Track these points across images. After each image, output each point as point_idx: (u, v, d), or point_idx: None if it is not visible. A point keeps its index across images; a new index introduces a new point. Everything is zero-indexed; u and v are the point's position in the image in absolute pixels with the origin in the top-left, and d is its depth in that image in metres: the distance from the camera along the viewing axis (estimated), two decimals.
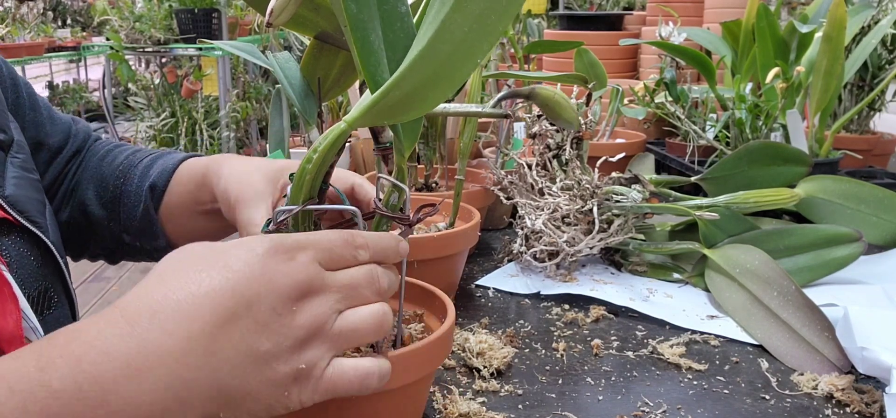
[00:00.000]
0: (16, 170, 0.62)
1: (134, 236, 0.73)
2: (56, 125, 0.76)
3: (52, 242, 0.61)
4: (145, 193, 0.72)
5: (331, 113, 1.23)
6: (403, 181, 0.49)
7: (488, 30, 0.36)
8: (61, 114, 0.78)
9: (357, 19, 0.42)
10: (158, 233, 0.72)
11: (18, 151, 0.64)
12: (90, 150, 0.78)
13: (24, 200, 0.61)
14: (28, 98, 0.73)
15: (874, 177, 1.08)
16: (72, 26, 5.89)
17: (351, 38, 0.42)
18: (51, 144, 0.74)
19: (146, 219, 0.72)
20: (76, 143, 0.77)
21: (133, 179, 0.73)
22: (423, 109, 0.43)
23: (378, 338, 0.43)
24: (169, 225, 0.72)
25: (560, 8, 3.12)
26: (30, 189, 0.63)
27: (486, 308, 0.80)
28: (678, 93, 1.21)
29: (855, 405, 0.59)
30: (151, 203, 0.71)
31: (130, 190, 0.73)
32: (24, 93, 0.73)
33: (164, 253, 0.70)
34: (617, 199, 0.86)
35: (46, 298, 0.59)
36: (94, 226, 0.75)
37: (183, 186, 0.71)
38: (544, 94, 0.69)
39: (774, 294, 0.73)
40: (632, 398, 0.61)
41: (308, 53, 0.82)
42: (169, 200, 0.72)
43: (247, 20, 4.12)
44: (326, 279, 0.41)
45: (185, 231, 0.72)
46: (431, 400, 0.59)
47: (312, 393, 0.40)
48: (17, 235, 0.59)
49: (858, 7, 1.18)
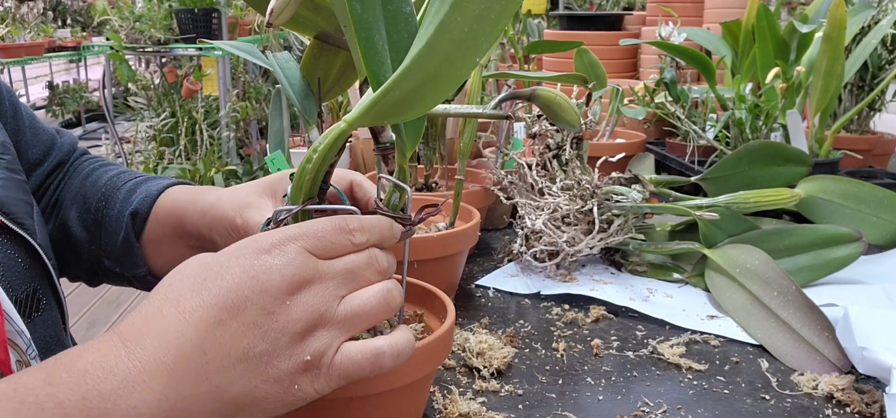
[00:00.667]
0: (2, 171, 0.61)
1: (114, 261, 0.71)
2: (38, 136, 0.73)
3: (40, 245, 0.60)
4: (126, 220, 0.69)
5: (331, 113, 1.23)
6: (405, 181, 0.49)
7: (488, 29, 0.36)
8: (45, 126, 0.75)
9: (361, 19, 0.42)
10: (139, 261, 0.69)
11: (4, 152, 0.63)
12: (75, 168, 0.76)
13: (10, 202, 0.59)
14: (10, 107, 0.71)
15: (874, 177, 1.08)
16: (72, 26, 5.89)
17: (354, 39, 0.42)
18: (30, 156, 0.72)
19: (126, 246, 0.69)
20: (59, 156, 0.75)
21: (115, 204, 0.70)
22: (422, 109, 0.43)
23: (388, 316, 0.43)
24: (150, 252, 0.69)
25: (560, 8, 3.12)
26: (17, 190, 0.61)
27: (486, 308, 0.80)
28: (678, 93, 1.21)
29: (855, 405, 0.59)
30: (132, 230, 0.68)
31: (112, 214, 0.70)
32: (7, 101, 0.71)
33: (144, 280, 0.69)
34: (617, 199, 0.86)
35: (35, 300, 0.58)
36: (75, 248, 0.72)
37: (166, 214, 0.68)
38: (546, 95, 0.69)
39: (774, 294, 0.73)
40: (632, 398, 0.61)
41: (308, 53, 0.82)
42: (151, 228, 0.69)
43: (247, 20, 4.12)
44: (321, 267, 0.41)
45: (166, 260, 0.69)
46: (431, 400, 0.59)
47: (326, 381, 0.41)
48: (3, 237, 0.58)
49: (858, 7, 1.18)
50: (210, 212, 0.62)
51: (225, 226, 0.60)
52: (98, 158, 0.78)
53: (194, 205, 0.65)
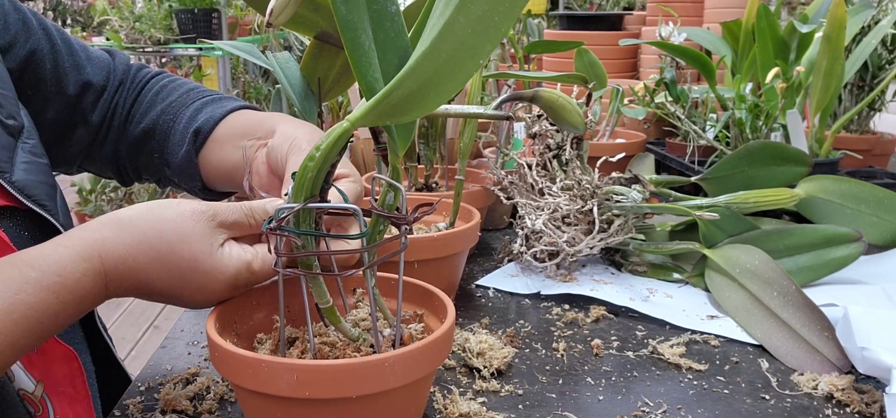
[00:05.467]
0: (26, 155, 0.64)
1: (174, 172, 0.77)
2: (94, 64, 0.79)
3: (62, 225, 0.64)
4: (190, 137, 0.74)
5: (331, 113, 1.23)
6: (399, 180, 0.49)
7: (491, 30, 0.36)
8: (98, 51, 0.81)
9: (346, 20, 0.42)
10: (196, 175, 0.75)
11: (28, 137, 0.66)
12: (139, 83, 0.81)
13: (32, 185, 0.63)
14: (63, 44, 0.76)
15: (874, 177, 1.08)
16: (72, 26, 5.89)
17: (342, 39, 0.43)
18: (95, 83, 0.78)
19: (187, 161, 0.74)
20: (118, 76, 0.81)
21: (182, 119, 0.76)
22: (424, 109, 0.43)
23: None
24: (206, 169, 0.75)
25: (560, 8, 3.12)
26: (39, 174, 0.65)
27: (487, 308, 0.80)
28: (678, 93, 1.21)
29: (855, 405, 0.60)
30: (193, 147, 0.74)
31: (178, 129, 0.76)
32: (58, 40, 0.76)
33: (201, 193, 0.77)
34: (617, 199, 0.86)
35: None
36: (144, 160, 0.79)
37: (225, 138, 0.73)
38: (548, 97, 0.68)
39: (774, 294, 0.73)
40: (632, 398, 0.61)
41: (308, 53, 0.82)
42: (209, 147, 0.74)
43: (247, 20, 4.11)
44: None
45: (220, 178, 0.74)
46: (431, 400, 0.59)
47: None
48: (24, 219, 0.61)
49: (858, 7, 1.18)
50: (266, 149, 0.68)
51: (274, 161, 0.66)
52: (165, 74, 0.84)
53: (252, 134, 0.71)
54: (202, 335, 0.72)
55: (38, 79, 0.74)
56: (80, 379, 0.63)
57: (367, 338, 0.54)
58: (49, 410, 0.60)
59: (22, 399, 0.57)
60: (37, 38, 0.73)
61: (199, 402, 0.59)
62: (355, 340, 0.53)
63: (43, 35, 0.74)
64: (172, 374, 0.64)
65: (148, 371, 0.65)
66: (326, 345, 0.54)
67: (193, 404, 0.59)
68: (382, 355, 0.47)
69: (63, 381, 0.62)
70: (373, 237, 0.52)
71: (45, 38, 0.74)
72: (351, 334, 0.53)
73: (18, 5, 0.74)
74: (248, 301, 0.58)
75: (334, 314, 0.52)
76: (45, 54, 0.74)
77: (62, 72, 0.75)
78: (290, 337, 0.56)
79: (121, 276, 0.50)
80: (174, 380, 0.62)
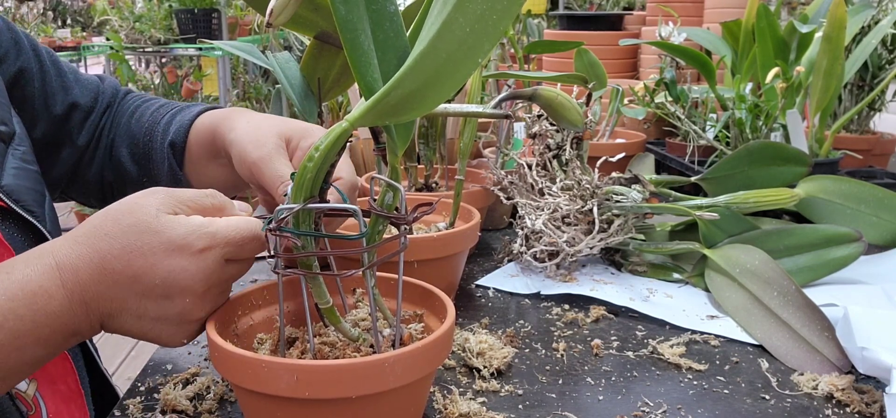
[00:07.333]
0: (16, 161, 0.65)
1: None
2: (83, 86, 0.80)
3: (50, 232, 0.64)
4: (167, 151, 0.75)
5: (331, 113, 1.23)
6: (397, 180, 0.49)
7: (489, 29, 0.36)
8: (87, 74, 0.82)
9: (346, 21, 0.42)
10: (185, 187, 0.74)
11: (19, 144, 0.68)
12: (122, 107, 0.82)
13: (21, 190, 0.63)
14: (52, 65, 0.77)
15: (874, 177, 1.08)
16: (72, 26, 5.89)
17: (341, 39, 0.43)
18: (82, 104, 0.79)
19: (172, 176, 0.75)
20: (105, 100, 0.82)
21: (157, 137, 0.77)
22: (424, 109, 0.43)
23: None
24: (193, 177, 0.76)
25: (560, 8, 3.12)
26: (29, 180, 0.66)
27: (486, 308, 0.80)
28: (678, 93, 1.21)
29: (855, 405, 0.60)
30: (174, 160, 0.75)
31: (156, 147, 0.77)
32: (47, 61, 0.77)
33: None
34: (617, 199, 0.86)
35: None
36: (132, 183, 0.79)
37: (198, 143, 0.74)
38: (548, 95, 0.69)
39: (774, 294, 0.73)
40: (632, 398, 0.61)
41: (308, 53, 0.82)
42: (189, 156, 0.75)
43: (247, 20, 4.11)
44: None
45: (206, 182, 0.75)
46: (431, 400, 0.59)
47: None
48: (13, 223, 0.62)
49: (858, 7, 1.18)
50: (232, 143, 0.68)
51: (241, 156, 0.65)
52: (141, 95, 0.85)
53: (220, 130, 0.71)
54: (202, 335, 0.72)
55: (26, 96, 0.75)
56: (72, 377, 0.63)
57: (367, 338, 0.54)
58: (42, 409, 0.60)
59: (14, 398, 0.58)
60: (27, 58, 0.75)
61: (199, 402, 0.59)
62: (355, 340, 0.53)
63: (33, 56, 0.76)
64: (172, 374, 0.64)
65: (148, 371, 0.65)
66: (326, 345, 0.54)
67: (193, 404, 0.59)
68: (382, 355, 0.47)
69: (57, 379, 0.62)
70: (372, 237, 0.52)
71: (35, 59, 0.76)
72: (351, 334, 0.53)
73: (11, 25, 0.76)
74: (248, 301, 0.58)
75: (334, 314, 0.52)
76: (33, 74, 0.75)
77: (50, 91, 0.77)
78: (289, 337, 0.56)
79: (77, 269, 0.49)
80: (174, 380, 0.62)
